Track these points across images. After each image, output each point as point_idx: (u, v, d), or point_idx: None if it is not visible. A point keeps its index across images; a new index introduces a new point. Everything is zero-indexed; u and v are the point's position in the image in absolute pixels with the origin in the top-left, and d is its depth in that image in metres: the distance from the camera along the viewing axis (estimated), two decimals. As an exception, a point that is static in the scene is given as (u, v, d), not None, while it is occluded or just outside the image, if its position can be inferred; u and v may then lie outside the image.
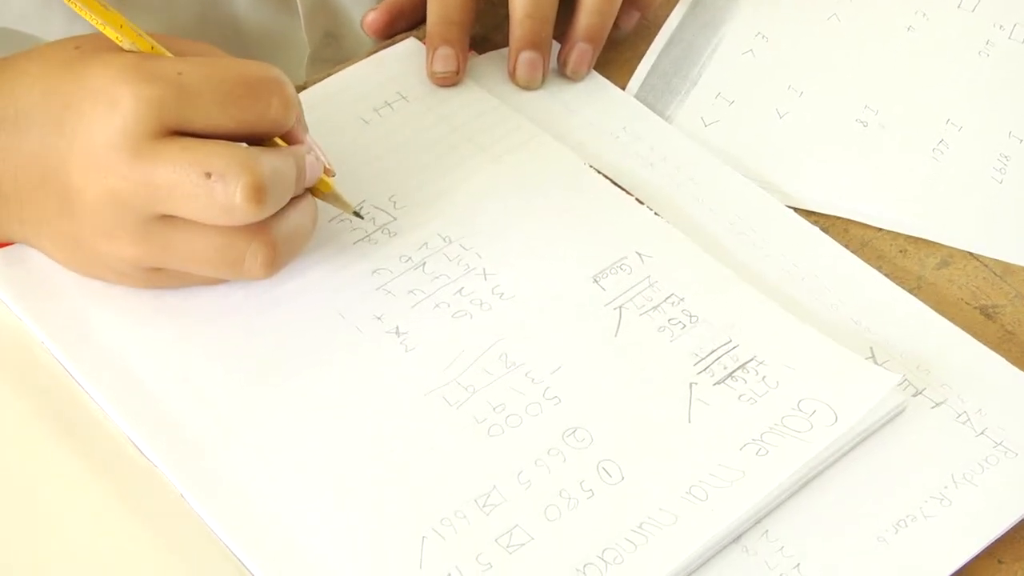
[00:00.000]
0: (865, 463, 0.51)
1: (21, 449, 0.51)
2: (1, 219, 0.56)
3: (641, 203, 0.61)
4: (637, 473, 0.50)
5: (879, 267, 0.59)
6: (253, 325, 0.55)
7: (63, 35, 0.72)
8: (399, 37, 0.71)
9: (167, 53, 0.53)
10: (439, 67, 0.66)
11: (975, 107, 0.68)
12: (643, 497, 0.49)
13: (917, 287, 0.59)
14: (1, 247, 0.57)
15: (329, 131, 0.63)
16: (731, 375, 0.53)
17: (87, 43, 0.55)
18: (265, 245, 0.53)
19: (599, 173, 0.62)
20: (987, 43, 0.72)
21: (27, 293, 0.56)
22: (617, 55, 0.71)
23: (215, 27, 0.78)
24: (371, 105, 0.65)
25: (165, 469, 0.50)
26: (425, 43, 0.68)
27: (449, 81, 0.67)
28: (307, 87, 0.66)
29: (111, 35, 0.53)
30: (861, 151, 0.66)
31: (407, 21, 0.71)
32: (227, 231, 0.52)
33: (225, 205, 0.50)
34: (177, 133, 0.51)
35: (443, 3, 0.67)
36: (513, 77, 0.67)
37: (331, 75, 0.67)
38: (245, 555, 0.48)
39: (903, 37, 0.72)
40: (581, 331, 0.55)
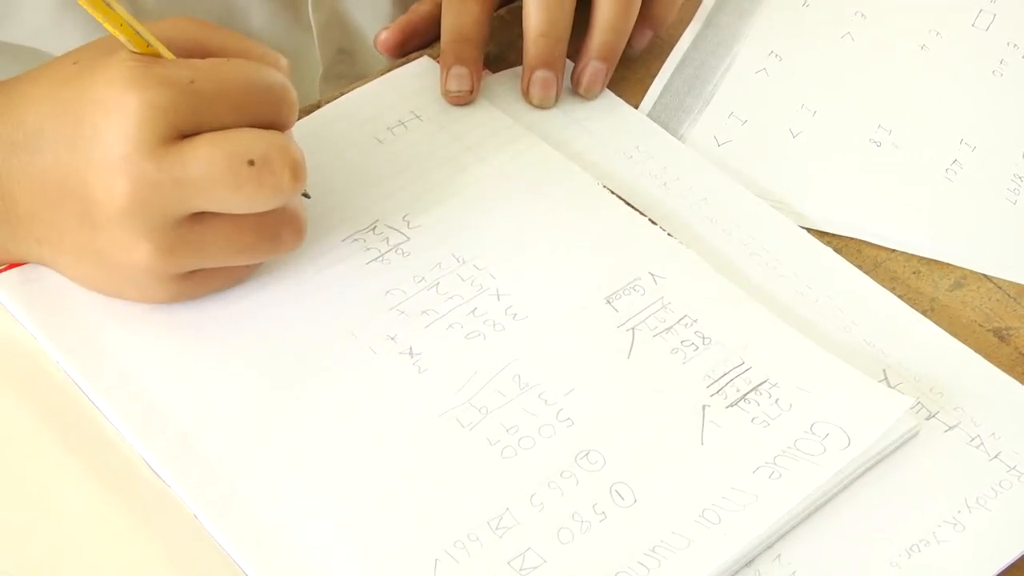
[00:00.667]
0: (878, 487, 0.51)
1: (35, 467, 0.52)
2: (18, 239, 0.56)
3: (654, 223, 0.61)
4: (650, 496, 0.50)
5: (892, 288, 0.59)
6: (266, 345, 0.56)
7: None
8: (412, 56, 0.71)
9: (167, 52, 0.53)
10: (453, 86, 0.66)
11: (989, 127, 0.68)
12: (656, 520, 0.49)
13: (930, 309, 0.59)
14: (16, 266, 0.57)
15: (343, 150, 0.63)
16: (744, 397, 0.53)
17: (83, 55, 0.55)
18: (293, 215, 0.55)
19: (612, 193, 0.62)
20: (1001, 62, 0.72)
21: (42, 312, 0.56)
22: (630, 74, 0.71)
23: None
24: (385, 124, 0.65)
25: (178, 489, 0.50)
26: (439, 62, 0.68)
27: (463, 100, 0.67)
28: (321, 105, 0.67)
29: (113, 32, 0.52)
30: (874, 171, 0.66)
31: (420, 39, 0.72)
32: (257, 213, 0.53)
33: (275, 188, 0.52)
34: (189, 136, 0.51)
35: (457, 22, 0.68)
36: (527, 96, 0.67)
37: (345, 94, 0.67)
38: (257, 573, 0.48)
39: (917, 56, 0.72)
40: (594, 352, 0.55)
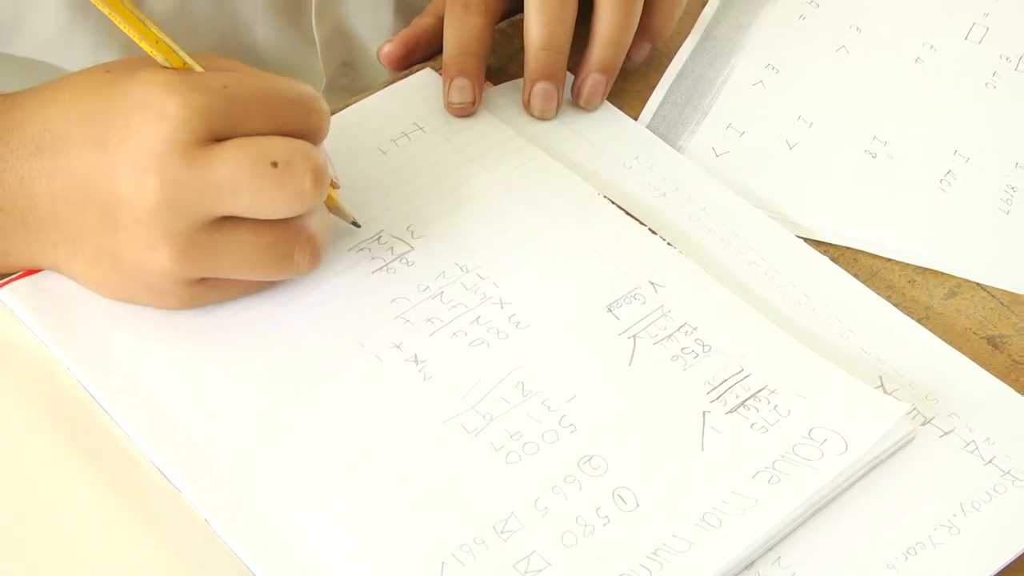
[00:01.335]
0: (875, 491, 0.52)
1: (46, 471, 0.53)
2: (32, 242, 0.57)
3: (654, 233, 0.62)
4: (652, 500, 0.51)
5: (888, 297, 0.60)
6: (274, 352, 0.56)
7: (86, 64, 0.73)
8: (415, 68, 0.72)
9: (199, 68, 0.55)
10: (455, 98, 0.68)
11: (982, 138, 0.69)
12: (658, 524, 0.50)
13: (925, 317, 0.60)
14: (28, 275, 0.58)
15: (347, 161, 0.64)
16: (743, 404, 0.54)
17: (116, 66, 0.57)
18: (310, 240, 0.56)
19: (612, 203, 0.63)
20: (994, 75, 0.73)
21: (52, 319, 0.57)
22: (629, 86, 0.72)
23: (235, 57, 0.79)
24: (388, 136, 0.67)
25: (187, 493, 0.51)
26: (441, 74, 0.69)
27: (465, 111, 0.68)
28: (325, 117, 0.68)
29: (147, 49, 0.54)
30: (870, 182, 0.67)
31: (423, 52, 0.73)
32: (276, 230, 0.55)
33: (296, 191, 0.53)
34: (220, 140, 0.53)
35: (459, 34, 0.69)
36: (528, 107, 0.69)
37: (348, 106, 0.69)
38: (267, 578, 0.49)
39: (911, 69, 0.73)
40: (596, 360, 0.56)
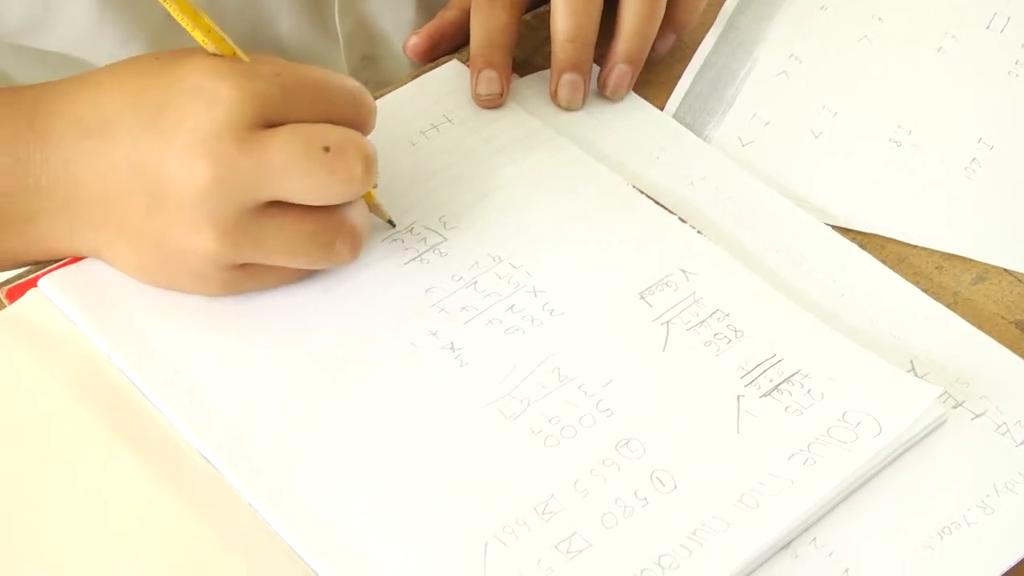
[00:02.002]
0: (909, 472, 0.53)
1: (91, 458, 0.53)
2: (75, 225, 0.58)
3: (684, 222, 0.63)
4: (690, 482, 0.52)
5: (916, 283, 0.61)
6: (311, 341, 0.57)
7: (114, 58, 0.74)
8: (441, 60, 0.73)
9: (247, 58, 0.56)
10: (483, 89, 0.68)
11: (1006, 126, 0.70)
12: (696, 505, 0.51)
13: (954, 302, 0.60)
14: (67, 264, 0.59)
15: (379, 154, 0.64)
16: (777, 388, 0.55)
17: (165, 54, 0.58)
18: (352, 230, 0.57)
19: (642, 193, 0.64)
20: (1016, 63, 0.74)
21: (93, 309, 0.58)
22: (654, 77, 0.73)
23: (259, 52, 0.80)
24: (418, 128, 0.67)
25: (232, 478, 0.52)
26: (468, 66, 0.70)
27: (493, 103, 0.69)
28: (355, 110, 0.68)
29: (199, 38, 0.55)
30: (895, 170, 0.68)
31: (449, 44, 0.74)
32: (319, 218, 0.56)
33: (346, 177, 0.54)
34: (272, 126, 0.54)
35: (486, 27, 0.69)
36: (555, 99, 0.69)
37: (377, 98, 0.69)
38: (313, 560, 0.50)
39: (934, 58, 0.74)
40: (630, 346, 0.57)
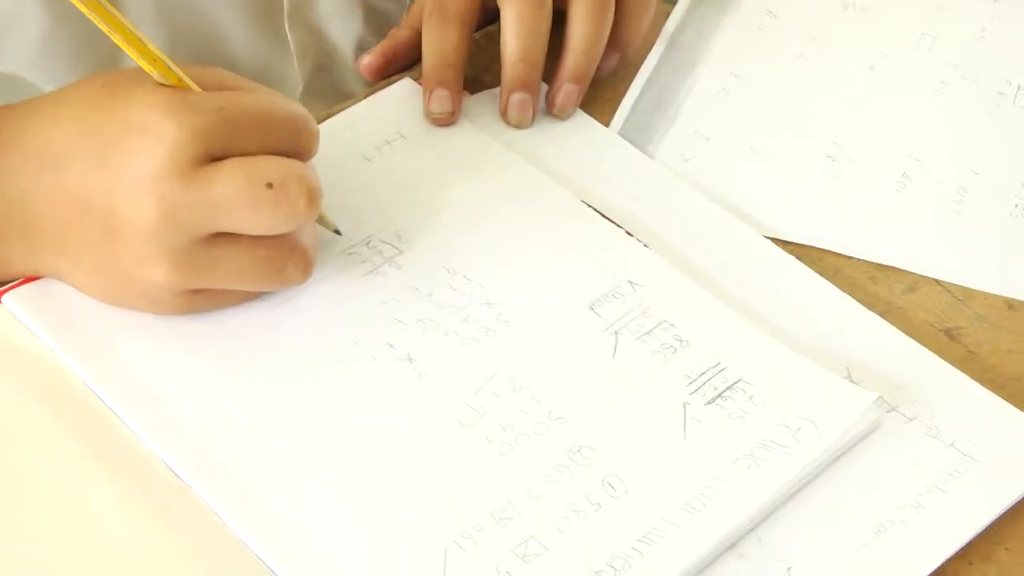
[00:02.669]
0: (846, 474, 0.56)
1: (59, 472, 0.55)
2: (35, 253, 0.59)
3: (630, 235, 0.65)
4: (640, 487, 0.54)
5: (851, 293, 0.64)
6: (272, 353, 0.59)
7: (65, 81, 0.75)
8: (393, 78, 0.75)
9: (195, 86, 0.57)
10: (436, 108, 0.70)
11: (934, 141, 0.73)
12: (646, 509, 0.53)
13: (887, 311, 0.63)
14: (30, 281, 0.61)
15: (334, 169, 0.67)
16: (721, 395, 0.58)
17: (113, 81, 0.59)
18: (303, 252, 0.58)
19: (590, 207, 0.66)
20: (942, 81, 0.77)
21: (56, 324, 0.59)
22: (599, 94, 0.75)
23: (213, 63, 0.81)
24: (372, 143, 0.69)
25: (198, 489, 0.54)
26: (420, 83, 0.72)
27: (445, 121, 0.71)
28: (310, 126, 0.70)
29: (145, 67, 0.56)
30: (830, 184, 0.71)
31: (401, 63, 0.75)
32: (270, 244, 0.57)
33: (290, 212, 0.55)
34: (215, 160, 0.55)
35: (438, 47, 0.71)
36: (505, 116, 0.72)
37: (332, 115, 0.71)
38: (277, 567, 0.51)
39: (866, 76, 0.77)
40: (581, 355, 0.59)
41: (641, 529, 0.53)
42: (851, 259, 0.67)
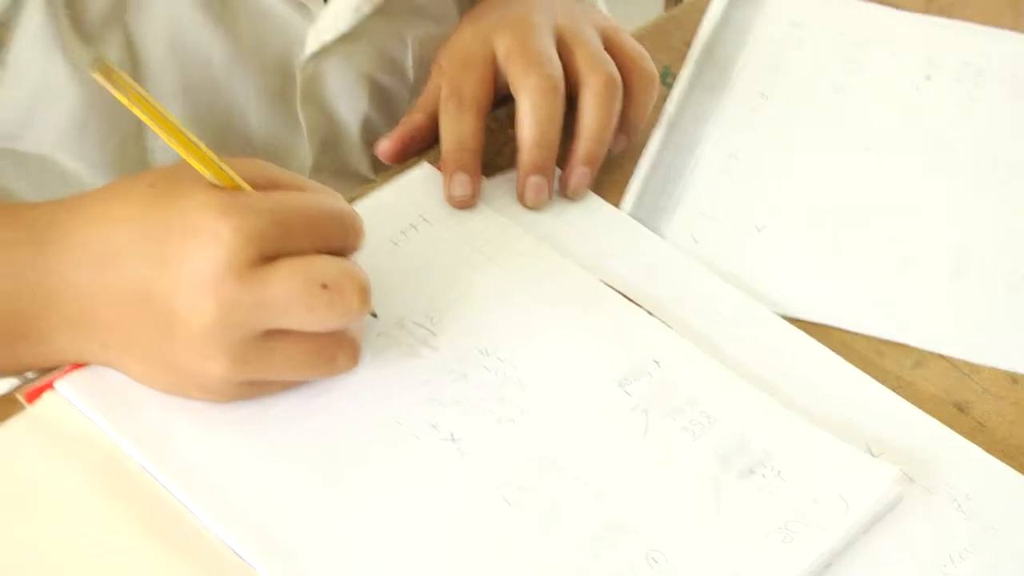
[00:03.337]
0: (873, 547, 0.59)
1: (119, 552, 0.56)
2: (82, 342, 0.61)
3: (651, 314, 0.68)
4: (681, 561, 0.57)
5: (862, 368, 0.67)
6: (319, 434, 0.61)
7: (95, 163, 0.77)
8: (410, 161, 0.77)
9: (245, 185, 0.59)
10: (457, 192, 0.73)
11: (931, 218, 0.77)
12: (690, 582, 0.56)
13: (898, 386, 0.67)
14: (81, 366, 0.62)
15: (364, 253, 0.68)
16: (751, 470, 0.61)
17: (162, 181, 0.60)
18: (351, 343, 0.61)
19: (610, 287, 0.69)
20: (933, 156, 0.81)
21: (110, 408, 0.60)
22: (608, 176, 0.78)
23: (232, 142, 0.84)
24: (398, 228, 0.72)
25: (257, 566, 0.55)
26: (439, 168, 0.75)
27: (466, 204, 0.73)
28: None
29: (198, 168, 0.58)
30: (833, 261, 0.74)
31: (418, 147, 0.78)
32: (321, 337, 0.59)
33: (344, 311, 0.57)
34: (271, 259, 0.57)
35: (456, 132, 0.74)
36: (522, 199, 0.74)
37: (355, 199, 0.73)
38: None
39: (862, 156, 0.81)
40: (614, 433, 0.62)
41: (687, 602, 0.55)
42: (858, 335, 0.70)
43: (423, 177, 0.76)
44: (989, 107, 0.86)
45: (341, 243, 0.60)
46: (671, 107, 0.84)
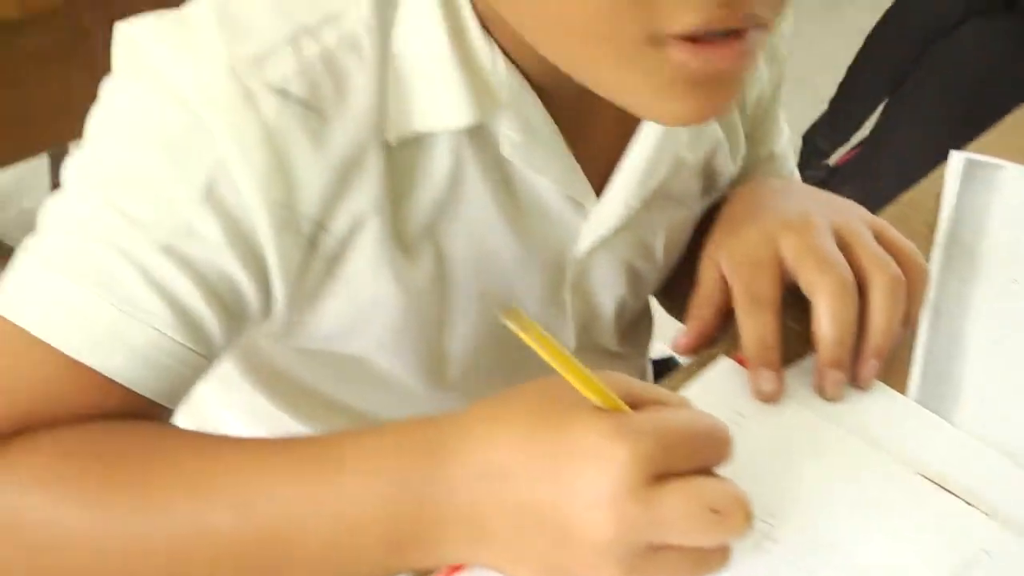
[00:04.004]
0: None
1: None
2: (477, 553, 0.66)
3: (970, 504, 0.73)
4: None
5: None
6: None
7: (408, 361, 0.83)
8: (708, 353, 0.84)
9: (627, 408, 0.64)
10: (765, 387, 0.79)
11: None
12: None
13: None
14: (458, 569, 0.68)
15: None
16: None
17: (538, 406, 0.66)
18: (726, 549, 0.65)
19: (926, 478, 0.74)
20: None
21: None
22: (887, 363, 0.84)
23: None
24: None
25: None
26: (743, 363, 0.81)
27: (773, 398, 0.79)
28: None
29: (587, 394, 0.64)
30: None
31: (708, 341, 0.84)
32: (704, 549, 0.64)
33: (731, 533, 0.62)
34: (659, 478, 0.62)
35: (759, 331, 0.80)
36: (822, 392, 0.80)
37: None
38: None
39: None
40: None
41: None
42: None
43: (727, 372, 0.81)
44: None
45: (715, 458, 0.65)
46: (932, 293, 0.89)
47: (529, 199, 0.83)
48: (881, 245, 0.84)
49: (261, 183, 0.71)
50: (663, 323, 1.10)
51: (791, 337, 0.82)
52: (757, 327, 0.81)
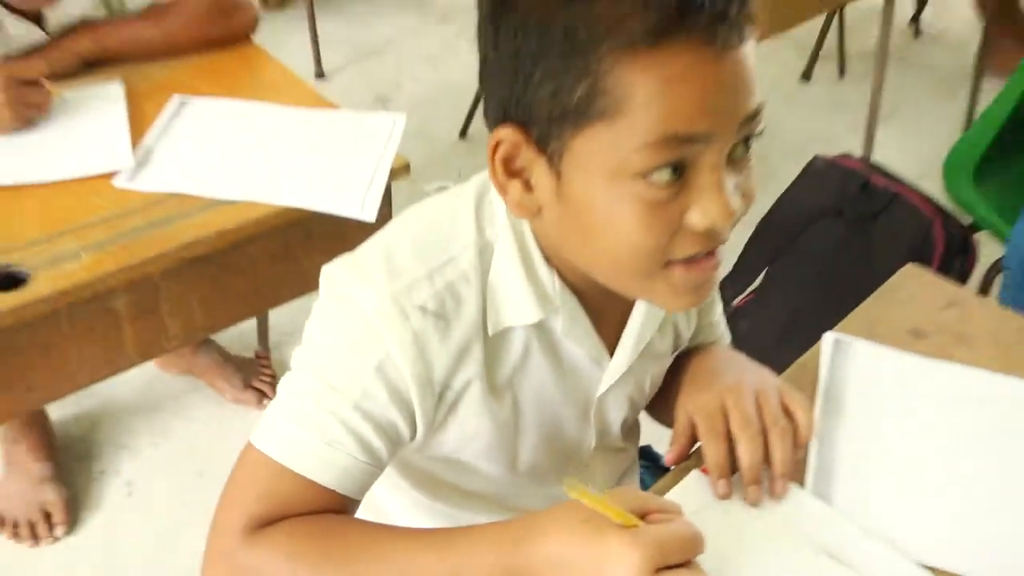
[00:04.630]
0: None
1: None
2: None
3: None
4: None
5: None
6: None
7: (497, 462, 1.32)
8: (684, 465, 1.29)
9: (640, 523, 0.98)
10: (720, 491, 1.24)
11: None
12: None
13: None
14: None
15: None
16: None
17: (584, 523, 1.00)
18: None
19: (825, 553, 1.20)
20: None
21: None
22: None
23: (558, 444, 1.33)
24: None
25: None
26: (706, 472, 1.27)
27: (726, 498, 1.25)
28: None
29: (615, 519, 0.98)
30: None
31: (685, 456, 1.30)
32: None
33: None
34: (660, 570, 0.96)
35: (716, 456, 1.24)
36: (747, 498, 1.25)
37: (664, 494, 1.25)
38: None
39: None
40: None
41: None
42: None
43: (696, 479, 1.26)
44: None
45: (695, 554, 0.98)
46: (816, 427, 1.33)
47: (570, 363, 1.27)
48: (785, 401, 1.30)
49: (411, 365, 1.11)
50: (647, 424, 1.53)
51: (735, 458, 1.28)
52: (715, 453, 1.26)
